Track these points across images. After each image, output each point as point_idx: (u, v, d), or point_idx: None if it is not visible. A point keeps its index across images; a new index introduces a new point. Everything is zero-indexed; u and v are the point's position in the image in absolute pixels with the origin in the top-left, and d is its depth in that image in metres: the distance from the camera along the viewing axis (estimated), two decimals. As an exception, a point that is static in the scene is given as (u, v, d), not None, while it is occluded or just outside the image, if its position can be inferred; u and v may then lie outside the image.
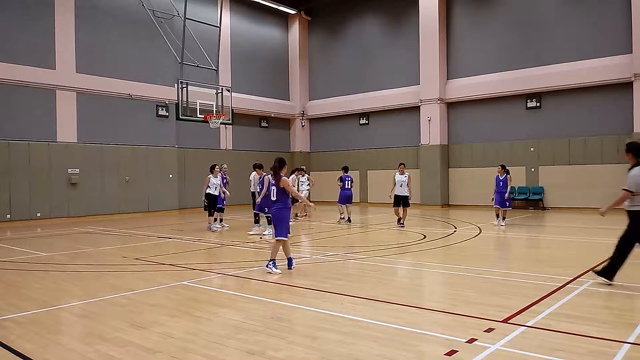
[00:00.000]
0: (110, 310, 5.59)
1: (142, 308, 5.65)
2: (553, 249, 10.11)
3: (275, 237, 7.78)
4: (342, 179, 15.48)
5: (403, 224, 13.89)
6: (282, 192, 7.69)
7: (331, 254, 9.21)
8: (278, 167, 7.75)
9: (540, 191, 19.56)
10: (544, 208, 19.43)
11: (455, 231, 12.91)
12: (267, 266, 7.65)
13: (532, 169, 19.92)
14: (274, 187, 7.78)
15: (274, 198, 7.80)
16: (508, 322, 4.81)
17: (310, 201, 9.74)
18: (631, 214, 6.27)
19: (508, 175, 14.04)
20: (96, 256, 9.64)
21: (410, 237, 11.54)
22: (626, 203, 6.28)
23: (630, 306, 5.58)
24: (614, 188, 18.08)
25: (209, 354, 4.10)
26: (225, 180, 14.68)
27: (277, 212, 7.73)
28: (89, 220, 17.56)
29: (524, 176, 19.98)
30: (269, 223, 11.34)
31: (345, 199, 15.31)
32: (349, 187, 15.35)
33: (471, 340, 4.28)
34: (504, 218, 14.02)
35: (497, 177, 14.15)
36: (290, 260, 7.85)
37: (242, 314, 5.32)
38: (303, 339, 4.49)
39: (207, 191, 13.57)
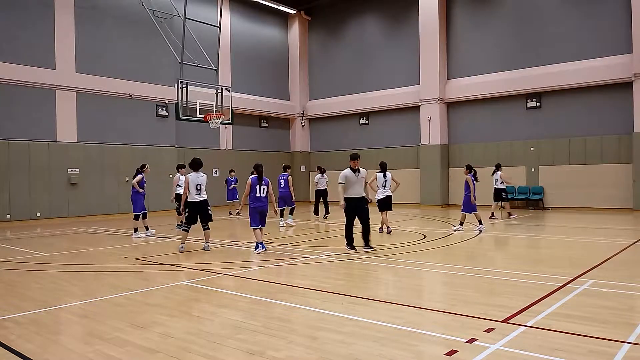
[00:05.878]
0: (110, 310, 5.58)
1: (142, 308, 5.65)
2: (553, 249, 10.10)
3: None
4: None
5: (390, 229, 12.19)
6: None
7: (331, 254, 9.20)
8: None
9: (540, 191, 19.55)
10: (544, 208, 19.43)
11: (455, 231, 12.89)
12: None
13: (532, 169, 19.93)
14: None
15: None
16: (508, 322, 4.81)
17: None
18: None
19: (468, 176, 12.99)
20: (96, 256, 9.63)
21: (410, 237, 11.53)
22: None
23: (630, 306, 5.57)
24: (614, 188, 18.14)
25: (209, 354, 4.10)
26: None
27: None
28: (88, 220, 17.56)
29: (524, 176, 19.98)
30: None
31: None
32: (285, 186, 14.55)
33: (471, 340, 4.28)
34: (479, 221, 12.82)
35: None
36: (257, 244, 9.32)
37: (242, 314, 5.32)
38: (303, 339, 4.49)
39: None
